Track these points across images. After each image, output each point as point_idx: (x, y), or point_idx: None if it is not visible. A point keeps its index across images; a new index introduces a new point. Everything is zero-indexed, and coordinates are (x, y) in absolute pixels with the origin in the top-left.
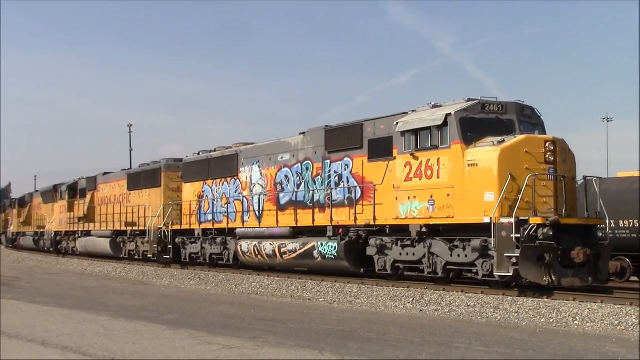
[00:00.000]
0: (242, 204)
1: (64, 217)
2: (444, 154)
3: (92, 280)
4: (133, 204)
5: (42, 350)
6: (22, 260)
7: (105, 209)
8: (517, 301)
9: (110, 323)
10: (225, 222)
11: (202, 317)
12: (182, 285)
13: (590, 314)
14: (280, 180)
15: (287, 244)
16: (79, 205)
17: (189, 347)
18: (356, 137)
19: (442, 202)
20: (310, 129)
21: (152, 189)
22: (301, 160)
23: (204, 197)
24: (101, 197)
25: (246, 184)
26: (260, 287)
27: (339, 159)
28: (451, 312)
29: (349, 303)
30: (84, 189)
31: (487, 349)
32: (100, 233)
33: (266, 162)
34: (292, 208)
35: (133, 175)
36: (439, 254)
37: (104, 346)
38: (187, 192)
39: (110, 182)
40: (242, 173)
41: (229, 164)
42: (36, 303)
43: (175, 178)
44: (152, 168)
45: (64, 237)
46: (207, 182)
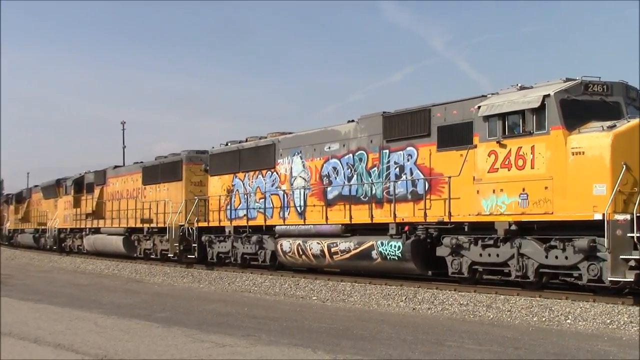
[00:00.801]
0: (281, 198)
1: (69, 213)
2: (540, 141)
3: (84, 277)
4: (149, 199)
5: (34, 347)
6: (14, 258)
7: (116, 205)
8: (510, 300)
9: (103, 321)
10: (261, 218)
11: (195, 314)
12: (175, 283)
13: (582, 312)
14: (328, 173)
15: (339, 243)
16: (87, 201)
17: (182, 345)
18: (422, 124)
19: (538, 195)
20: (364, 115)
21: (171, 183)
22: (353, 151)
23: (234, 191)
24: (111, 192)
25: (285, 177)
26: (253, 285)
27: (399, 148)
28: (444, 311)
29: (342, 301)
30: (91, 184)
31: (480, 348)
32: (112, 230)
33: (310, 152)
34: (342, 203)
35: (149, 168)
36: (531, 256)
37: (96, 344)
38: (213, 186)
39: (121, 176)
40: (281, 165)
41: (265, 155)
42: (29, 300)
43: (197, 171)
44: (172, 160)
45: (69, 234)
46: (238, 175)
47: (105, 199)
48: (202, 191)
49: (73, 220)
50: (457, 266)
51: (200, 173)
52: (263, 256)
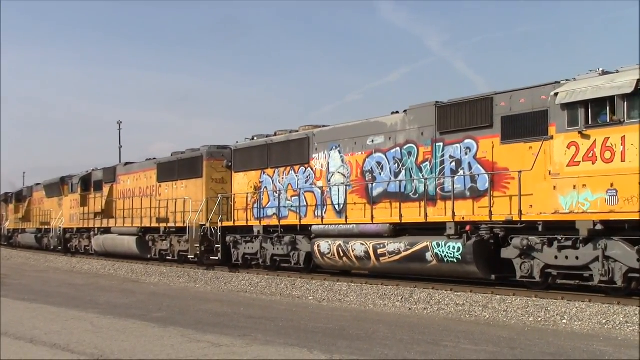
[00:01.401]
0: (316, 196)
1: (76, 212)
2: (632, 131)
3: (80, 277)
4: (164, 197)
5: (30, 347)
6: (10, 258)
7: (128, 203)
8: (506, 300)
9: (99, 320)
10: (294, 217)
11: (191, 314)
12: (171, 283)
13: (578, 312)
14: (371, 168)
15: (387, 244)
16: (95, 199)
17: (178, 345)
18: (483, 114)
19: (630, 192)
20: (414, 105)
21: (190, 180)
22: (401, 144)
23: (262, 188)
24: (122, 190)
25: (321, 173)
26: (250, 285)
27: (456, 141)
28: (440, 311)
29: (338, 301)
30: (99, 182)
31: (476, 348)
32: (124, 230)
33: (350, 146)
34: (388, 201)
35: (165, 165)
36: (619, 259)
37: (92, 344)
38: (238, 183)
39: (133, 173)
40: (316, 160)
41: (298, 150)
42: (24, 300)
43: (219, 167)
44: (191, 156)
45: (75, 234)
46: (267, 171)
47: (116, 198)
48: (223, 189)
49: (80, 219)
50: (527, 270)
51: (222, 169)
52: (296, 258)
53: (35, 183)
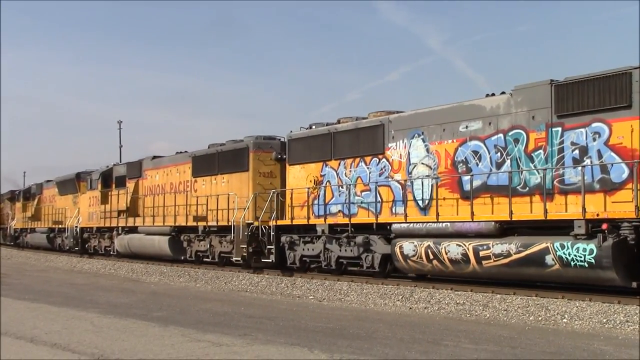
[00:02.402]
0: (394, 191)
1: (95, 210)
2: None
3: (81, 277)
4: (201, 193)
5: (30, 347)
6: (10, 257)
7: (158, 200)
8: (506, 299)
9: (100, 320)
10: (364, 215)
11: (192, 314)
12: (172, 283)
13: (578, 312)
14: (465, 158)
15: (492, 245)
16: (118, 197)
17: (178, 345)
18: (617, 93)
19: None
20: (520, 85)
21: (233, 175)
22: (505, 129)
23: (324, 182)
24: (149, 186)
25: (400, 164)
26: (250, 285)
27: (580, 125)
28: (440, 310)
29: (339, 300)
30: (122, 177)
31: (476, 347)
32: (153, 229)
33: (437, 133)
34: (488, 195)
35: (201, 158)
36: None
37: (93, 343)
38: (294, 177)
39: (163, 167)
40: (393, 150)
41: (370, 139)
42: (25, 300)
43: (267, 160)
44: (235, 148)
45: (94, 234)
46: (330, 164)
47: (142, 194)
48: (272, 183)
49: (100, 218)
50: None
51: (271, 162)
52: (370, 261)
53: (46, 180)
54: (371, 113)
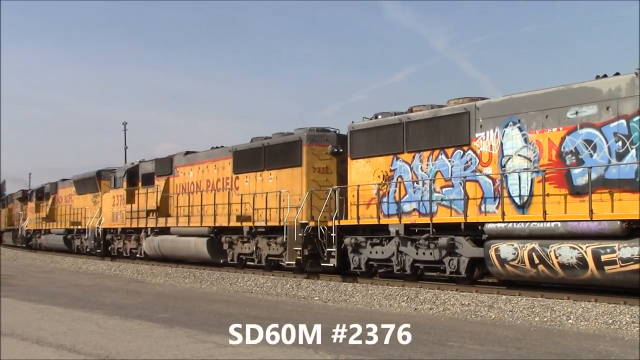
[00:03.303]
0: (483, 186)
1: (120, 210)
2: None
3: (86, 278)
4: (244, 190)
5: (36, 348)
6: (16, 259)
7: (195, 199)
8: (512, 300)
9: (105, 321)
10: (446, 213)
11: (197, 315)
12: (177, 284)
13: (584, 312)
14: (575, 148)
15: (618, 248)
16: (147, 195)
17: (184, 346)
18: None
19: None
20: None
21: (283, 170)
22: (628, 115)
23: (394, 178)
24: (182, 184)
25: (489, 157)
26: (255, 286)
27: None
28: (445, 311)
29: (344, 301)
30: (149, 174)
31: (481, 348)
32: (188, 230)
33: (537, 121)
34: (606, 190)
35: (244, 152)
36: None
37: (98, 344)
38: (358, 173)
39: (198, 163)
40: (481, 140)
41: (452, 128)
42: (30, 301)
43: (322, 154)
44: (285, 141)
45: (119, 235)
46: (402, 157)
47: (174, 192)
48: (328, 180)
49: (126, 218)
50: None
51: (326, 156)
52: (454, 265)
53: (61, 179)
54: (451, 100)
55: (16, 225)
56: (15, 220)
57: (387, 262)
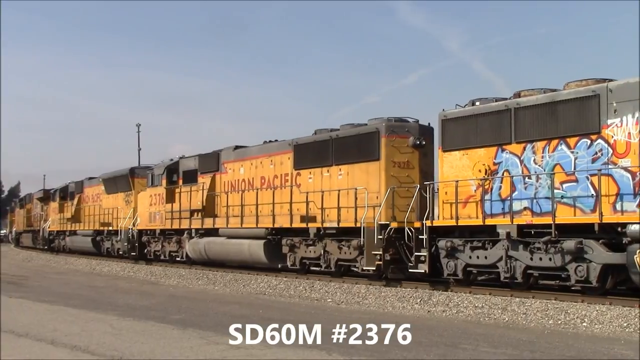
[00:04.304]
0: (618, 181)
1: (159, 210)
2: None
3: (100, 279)
4: (307, 188)
5: (50, 349)
6: (30, 260)
7: (247, 198)
8: (525, 302)
9: (119, 322)
10: (568, 212)
11: (210, 317)
12: (190, 285)
13: (598, 315)
14: None
15: None
16: (190, 194)
17: (197, 347)
18: None
19: None
20: None
21: (357, 165)
22: None
23: (499, 172)
24: (231, 181)
25: (627, 147)
26: (268, 287)
27: None
28: (459, 313)
29: (357, 304)
30: (192, 171)
31: (495, 350)
32: (242, 232)
33: None
34: None
35: (308, 146)
36: None
37: (112, 345)
38: (452, 167)
39: (250, 158)
40: (615, 127)
41: (575, 115)
42: (45, 302)
43: (403, 146)
44: (358, 133)
45: (156, 237)
46: (509, 148)
47: (221, 191)
48: (409, 176)
49: (166, 219)
50: None
51: (407, 149)
52: (583, 272)
53: (87, 177)
54: (571, 82)
55: (36, 226)
56: (35, 221)
57: (490, 268)
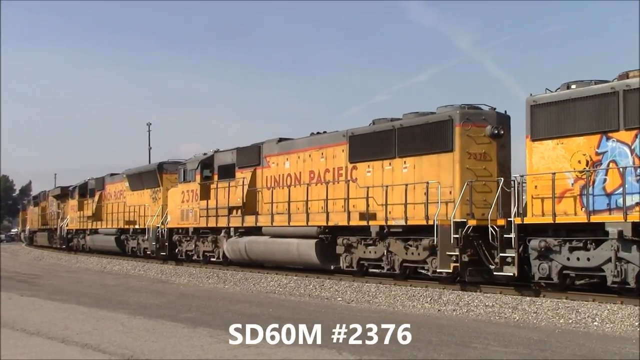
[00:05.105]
0: None
1: (192, 207)
2: None
3: (111, 278)
4: (366, 183)
5: (62, 347)
6: (41, 258)
7: (295, 194)
8: (536, 301)
9: (130, 321)
10: None
11: (221, 315)
12: (201, 284)
13: (609, 314)
14: None
15: None
16: (228, 189)
17: (207, 346)
18: None
19: None
20: None
21: (426, 157)
22: None
23: (602, 163)
24: (274, 176)
25: None
26: (278, 286)
27: None
28: (469, 312)
29: (367, 302)
30: (228, 166)
31: (505, 350)
32: (288, 231)
33: None
34: None
35: (366, 137)
36: None
37: (123, 344)
38: (544, 158)
39: (297, 151)
40: None
41: None
42: (56, 300)
43: (479, 136)
44: (429, 121)
45: (189, 236)
46: (616, 136)
47: (263, 186)
48: (486, 169)
49: (200, 216)
50: None
51: (484, 140)
52: None
53: (109, 173)
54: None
55: (51, 224)
56: (51, 219)
57: (594, 271)
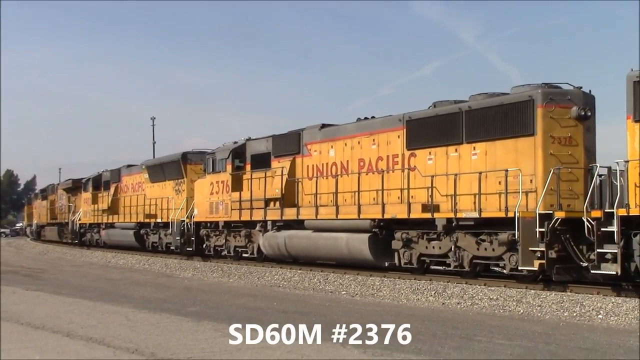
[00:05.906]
0: None
1: (223, 199)
2: None
3: (116, 272)
4: (426, 171)
5: (67, 341)
6: (46, 252)
7: (343, 184)
8: (540, 295)
9: (134, 315)
10: None
11: (225, 309)
12: (205, 278)
13: (614, 307)
14: None
15: None
16: (262, 180)
17: (212, 339)
18: None
19: None
20: None
21: (500, 142)
22: None
23: None
24: (316, 165)
25: None
26: (283, 280)
27: None
28: (474, 305)
29: (371, 296)
30: (262, 155)
31: (510, 343)
32: (335, 224)
33: None
34: None
35: (426, 121)
36: None
37: (127, 337)
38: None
39: (342, 138)
40: None
41: None
42: (61, 294)
43: (564, 118)
44: (504, 102)
45: (218, 230)
46: None
47: (303, 176)
48: (572, 154)
49: (232, 209)
50: None
51: (570, 122)
52: None
53: (126, 165)
54: None
55: (61, 218)
56: (60, 213)
57: None
